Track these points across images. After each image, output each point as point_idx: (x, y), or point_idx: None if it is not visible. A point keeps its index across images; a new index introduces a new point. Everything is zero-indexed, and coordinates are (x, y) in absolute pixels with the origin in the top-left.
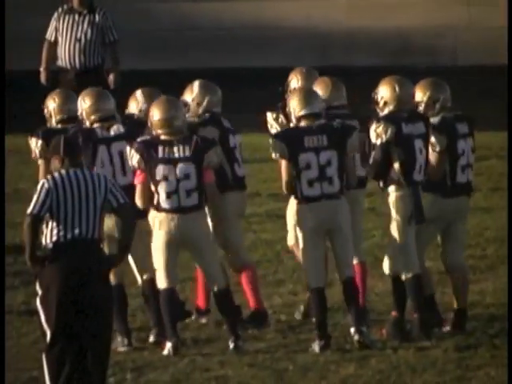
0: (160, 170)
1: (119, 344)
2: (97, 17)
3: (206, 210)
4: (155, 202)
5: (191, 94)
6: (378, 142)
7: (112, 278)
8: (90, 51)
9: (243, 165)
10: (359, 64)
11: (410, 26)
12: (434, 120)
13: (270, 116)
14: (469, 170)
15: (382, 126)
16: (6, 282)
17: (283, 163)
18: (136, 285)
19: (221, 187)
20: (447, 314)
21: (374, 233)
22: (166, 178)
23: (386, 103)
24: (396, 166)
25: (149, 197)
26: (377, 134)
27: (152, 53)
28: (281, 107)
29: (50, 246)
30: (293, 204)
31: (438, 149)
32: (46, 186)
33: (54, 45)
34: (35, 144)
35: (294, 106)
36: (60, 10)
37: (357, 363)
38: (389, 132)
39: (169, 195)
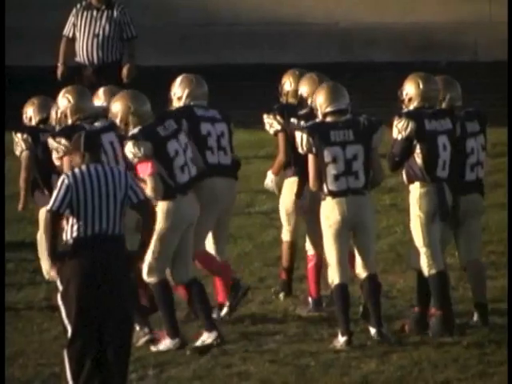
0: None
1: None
2: (115, 12)
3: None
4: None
5: (173, 88)
6: (399, 137)
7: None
8: (108, 47)
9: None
10: (380, 60)
11: (432, 22)
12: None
13: (266, 117)
14: (478, 168)
15: (404, 121)
16: (28, 277)
17: (310, 158)
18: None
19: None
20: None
21: (396, 229)
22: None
23: (410, 99)
24: (419, 161)
25: (161, 188)
26: (398, 129)
27: (170, 49)
28: (277, 109)
29: (71, 241)
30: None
31: None
32: (66, 182)
33: (71, 41)
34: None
35: (321, 102)
36: (78, 5)
37: (378, 359)
38: (409, 128)
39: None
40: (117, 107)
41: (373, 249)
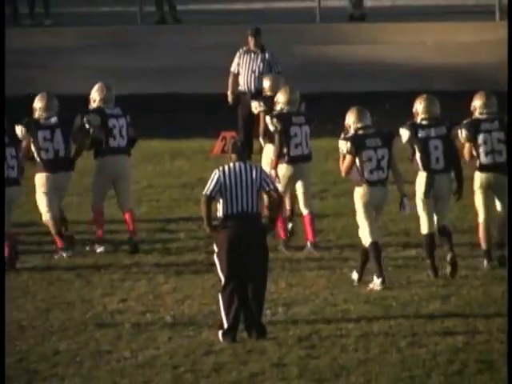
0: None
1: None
2: (266, 55)
3: None
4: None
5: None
6: (406, 138)
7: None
8: (262, 79)
9: None
10: (440, 89)
11: (481, 62)
12: (466, 121)
13: (268, 120)
14: (500, 153)
15: (403, 130)
16: (191, 243)
17: (348, 157)
18: None
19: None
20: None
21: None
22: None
23: (416, 114)
24: (417, 158)
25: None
26: (400, 136)
27: (303, 80)
28: (273, 116)
29: (222, 216)
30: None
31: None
32: (217, 174)
33: (236, 75)
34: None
35: (353, 120)
36: (241, 50)
37: (441, 300)
38: (406, 135)
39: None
40: None
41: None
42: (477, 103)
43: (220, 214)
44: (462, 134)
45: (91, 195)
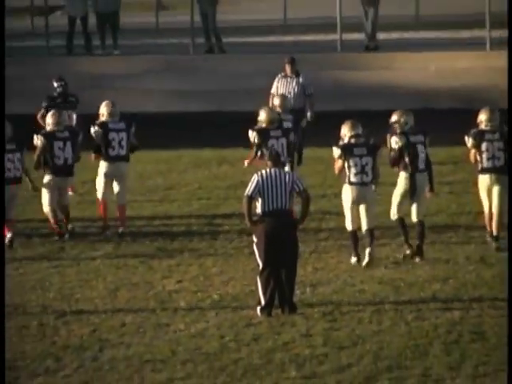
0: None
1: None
2: (300, 79)
3: None
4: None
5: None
6: (396, 146)
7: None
8: (297, 99)
9: None
10: (441, 107)
11: (475, 85)
12: (473, 131)
13: (250, 134)
14: (499, 159)
15: (399, 137)
16: (234, 235)
17: (339, 161)
18: None
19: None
20: None
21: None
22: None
23: (396, 124)
24: (407, 159)
25: None
26: (395, 141)
27: (328, 100)
28: (254, 130)
29: (260, 213)
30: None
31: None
32: (256, 178)
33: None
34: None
35: (346, 131)
36: (279, 75)
37: (441, 282)
38: (402, 141)
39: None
40: None
41: (372, 215)
42: (482, 117)
43: (258, 210)
44: (469, 141)
45: (97, 191)
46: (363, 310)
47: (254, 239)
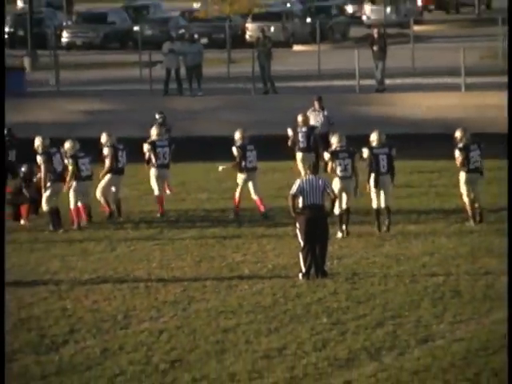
0: None
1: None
2: (325, 112)
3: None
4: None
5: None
6: (366, 156)
7: None
8: (323, 127)
9: None
10: (429, 132)
11: (454, 117)
12: (460, 145)
13: (233, 149)
14: (478, 162)
15: (367, 150)
16: (283, 221)
17: (330, 163)
18: None
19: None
20: None
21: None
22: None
23: (372, 142)
24: (373, 165)
25: None
26: (365, 152)
27: (348, 127)
28: (236, 147)
29: (301, 206)
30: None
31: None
32: (299, 182)
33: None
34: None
35: (335, 142)
36: (310, 109)
37: (429, 255)
38: (367, 152)
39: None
40: None
41: (351, 199)
42: (459, 134)
43: (300, 205)
44: (458, 152)
45: (154, 190)
46: (374, 276)
47: (297, 225)
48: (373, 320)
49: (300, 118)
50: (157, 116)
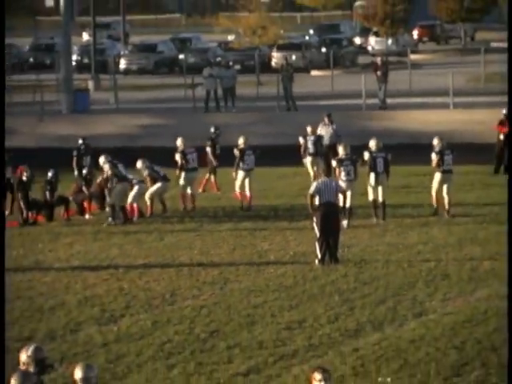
0: None
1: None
2: (334, 126)
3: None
4: None
5: None
6: (366, 158)
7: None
8: (331, 138)
9: None
10: (422, 142)
11: (442, 130)
12: (436, 150)
13: (235, 151)
14: (450, 165)
15: (367, 154)
16: (302, 216)
17: (337, 169)
18: None
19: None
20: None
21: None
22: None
23: (371, 147)
24: (372, 166)
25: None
26: (365, 155)
27: (354, 138)
28: (237, 149)
29: (318, 204)
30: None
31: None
32: (316, 183)
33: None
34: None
35: (341, 151)
36: (321, 124)
37: (422, 244)
38: (368, 155)
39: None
40: None
41: (349, 199)
42: (435, 142)
43: (317, 202)
44: (434, 155)
45: (182, 188)
46: (377, 261)
47: (314, 220)
48: (376, 298)
49: (309, 129)
50: (212, 130)
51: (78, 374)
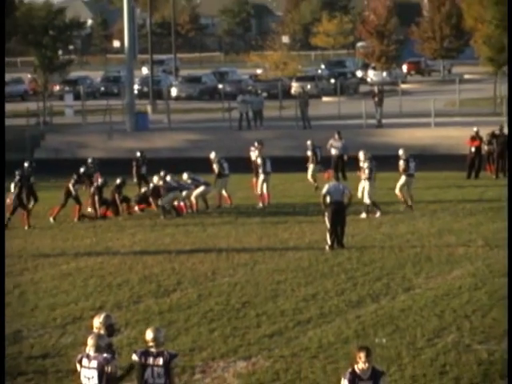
0: None
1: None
2: (343, 140)
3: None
4: None
5: None
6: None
7: None
8: (340, 150)
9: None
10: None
11: (426, 144)
12: (404, 158)
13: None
14: (413, 171)
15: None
16: (316, 211)
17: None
18: None
19: None
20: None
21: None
22: None
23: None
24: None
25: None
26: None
27: (357, 149)
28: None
29: (329, 202)
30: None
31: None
32: (327, 186)
33: (330, 149)
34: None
35: (362, 155)
36: (332, 138)
37: (418, 233)
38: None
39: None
40: None
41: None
42: (401, 152)
43: (327, 201)
44: (402, 162)
45: (219, 191)
46: (375, 247)
47: (325, 214)
48: (374, 276)
49: (308, 142)
50: (254, 146)
51: (150, 335)
